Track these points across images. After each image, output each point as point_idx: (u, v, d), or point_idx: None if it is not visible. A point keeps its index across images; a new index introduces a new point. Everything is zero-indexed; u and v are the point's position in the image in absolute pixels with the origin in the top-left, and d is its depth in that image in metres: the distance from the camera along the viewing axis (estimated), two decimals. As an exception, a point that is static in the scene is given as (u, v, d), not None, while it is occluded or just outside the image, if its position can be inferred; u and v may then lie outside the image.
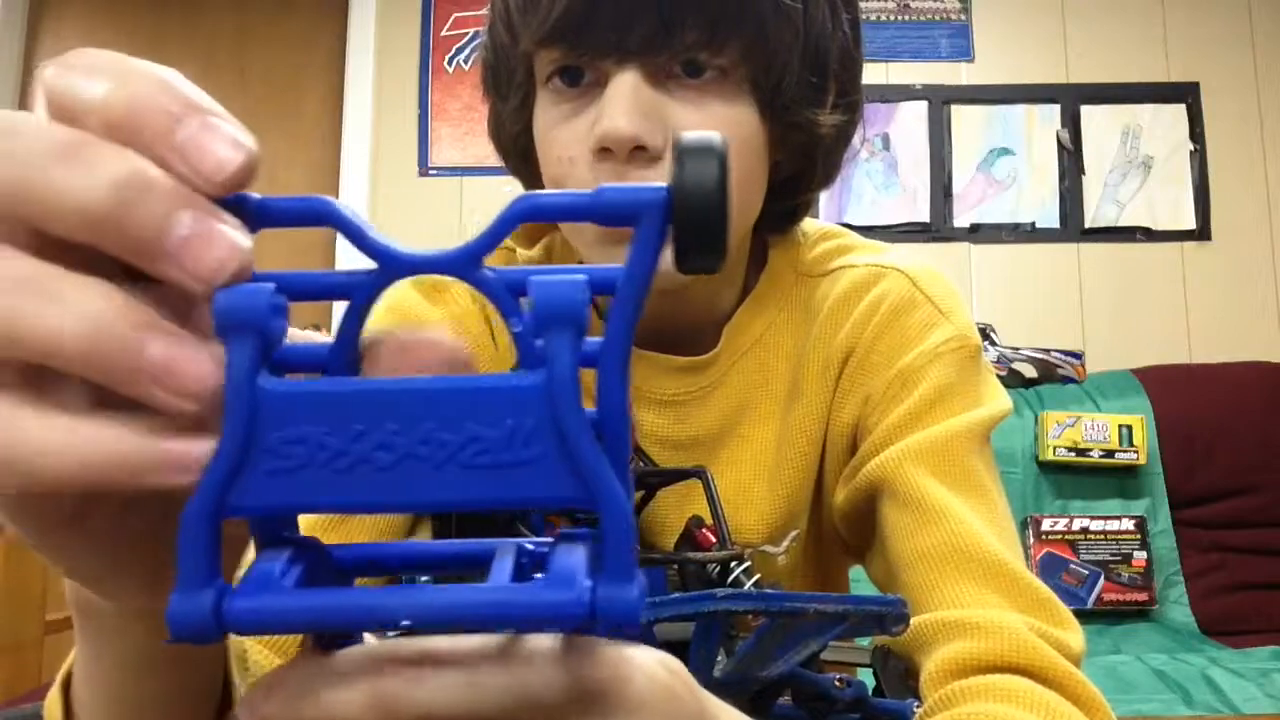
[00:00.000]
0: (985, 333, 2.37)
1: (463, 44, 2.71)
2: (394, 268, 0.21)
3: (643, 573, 0.20)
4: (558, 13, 0.51)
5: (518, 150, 0.62)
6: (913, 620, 0.50)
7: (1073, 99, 2.66)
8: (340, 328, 0.22)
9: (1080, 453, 2.15)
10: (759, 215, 0.60)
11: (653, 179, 0.43)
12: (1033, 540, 2.12)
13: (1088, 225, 2.61)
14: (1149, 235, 2.61)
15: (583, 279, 0.20)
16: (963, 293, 0.63)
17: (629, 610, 0.19)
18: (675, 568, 0.56)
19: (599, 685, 0.22)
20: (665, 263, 0.21)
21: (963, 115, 2.66)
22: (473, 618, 0.19)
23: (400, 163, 2.68)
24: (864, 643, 0.57)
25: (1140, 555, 2.10)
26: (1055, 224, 2.62)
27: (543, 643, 0.22)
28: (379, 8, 2.71)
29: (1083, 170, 2.63)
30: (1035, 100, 2.66)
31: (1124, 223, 2.61)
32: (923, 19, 2.71)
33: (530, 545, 0.23)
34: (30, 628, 1.69)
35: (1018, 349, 2.39)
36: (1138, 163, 2.63)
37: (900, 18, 2.71)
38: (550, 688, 0.22)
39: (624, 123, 0.50)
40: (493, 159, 0.66)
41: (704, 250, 0.21)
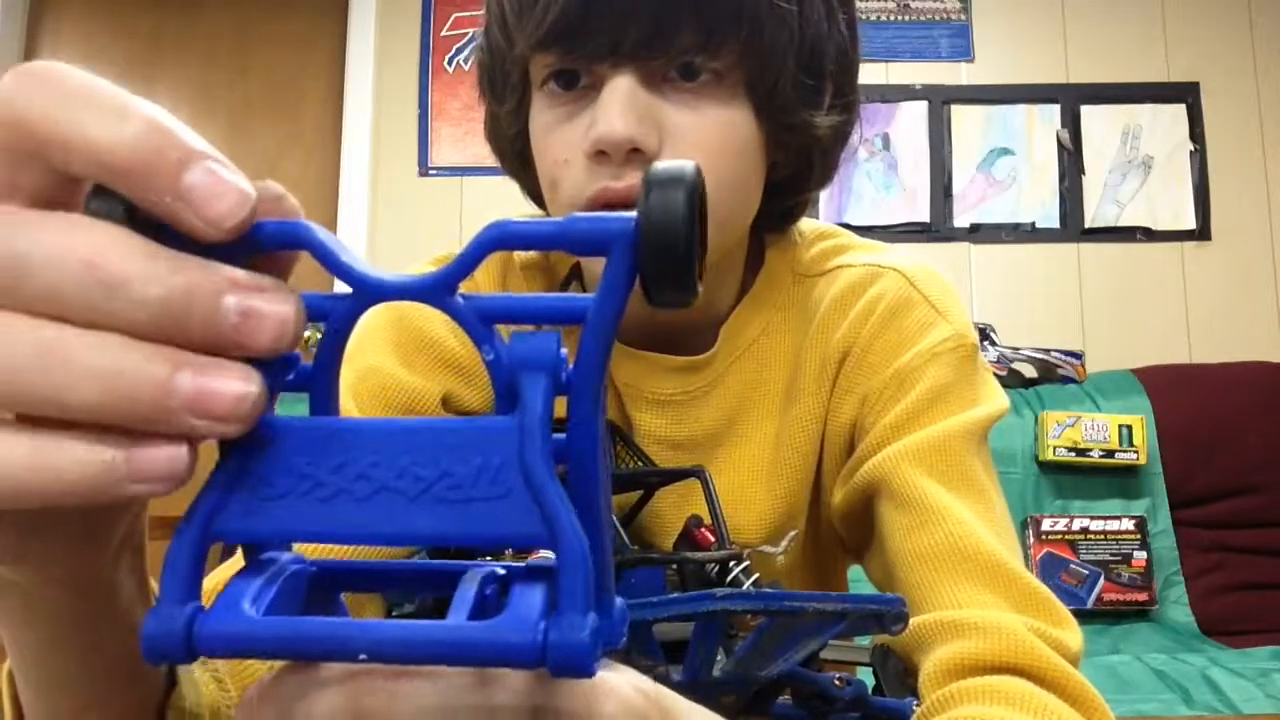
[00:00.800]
0: (985, 333, 2.37)
1: (463, 44, 2.71)
2: (369, 294, 0.22)
3: (642, 572, 0.20)
4: (552, 17, 0.51)
5: (514, 152, 0.62)
6: (912, 620, 0.51)
7: (1073, 99, 2.66)
8: (319, 353, 0.23)
9: (1080, 453, 2.15)
10: (756, 215, 0.60)
11: None
12: (1033, 540, 2.12)
13: (1088, 225, 2.61)
14: (1149, 235, 2.61)
15: (558, 333, 0.21)
16: (962, 293, 0.63)
17: (579, 654, 0.19)
18: (674, 567, 0.56)
19: (570, 712, 0.22)
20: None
21: (963, 115, 2.66)
22: (427, 656, 0.20)
23: (400, 163, 2.68)
24: (863, 642, 0.57)
25: (1140, 555, 2.10)
26: (1055, 224, 2.62)
27: (510, 673, 0.22)
28: (379, 8, 2.71)
29: (1083, 170, 2.63)
30: (1035, 100, 2.66)
31: (1124, 223, 2.61)
32: (923, 19, 2.72)
33: (501, 570, 0.23)
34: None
35: (1018, 349, 2.39)
36: (1138, 163, 2.63)
37: (900, 18, 2.71)
38: (520, 713, 0.22)
39: (619, 125, 0.50)
40: (493, 159, 0.66)
41: (671, 284, 0.21)
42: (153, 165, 0.20)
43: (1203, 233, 2.61)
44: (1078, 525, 2.13)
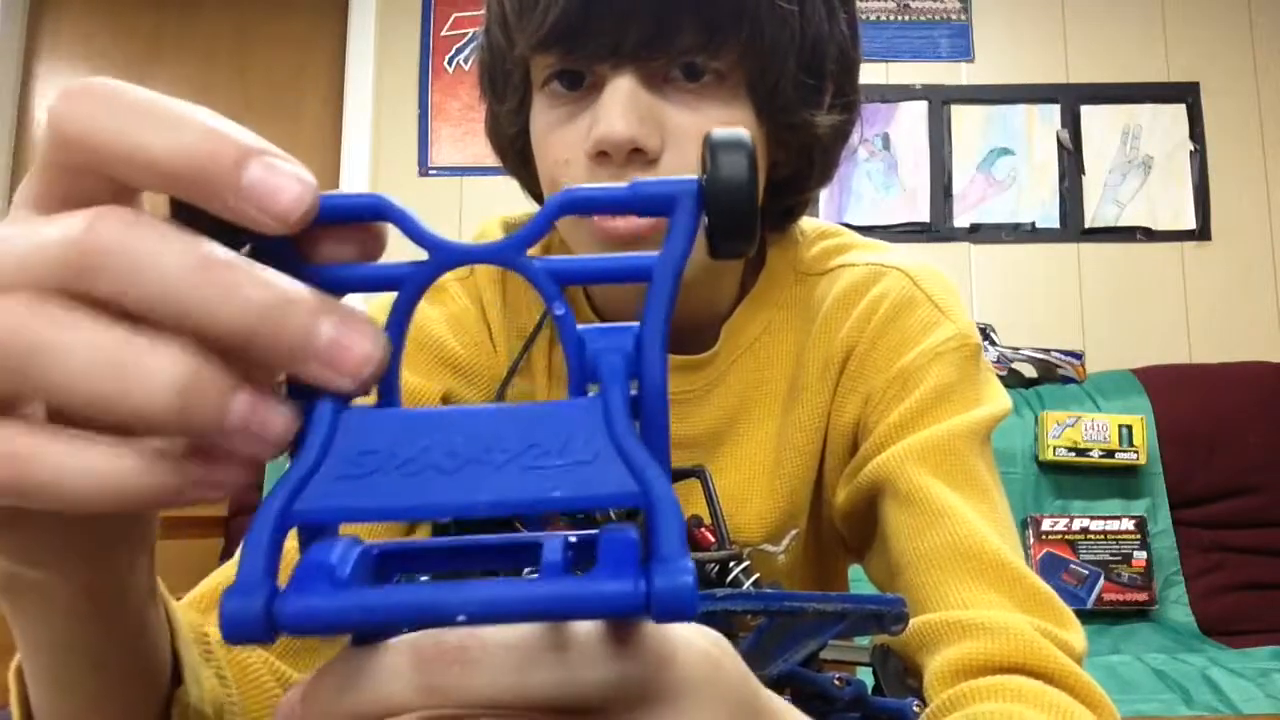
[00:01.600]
0: (985, 333, 2.37)
1: (463, 44, 2.71)
2: (445, 258, 0.23)
3: None
4: (553, 18, 0.51)
5: (515, 151, 0.62)
6: (915, 620, 0.50)
7: (1073, 99, 2.66)
8: (390, 319, 0.23)
9: (1080, 453, 2.15)
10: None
11: None
12: (1033, 540, 2.12)
13: (1088, 225, 2.61)
14: (1149, 235, 2.61)
15: (635, 325, 0.23)
16: (963, 293, 0.63)
17: (686, 599, 0.19)
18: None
19: (644, 666, 0.22)
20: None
21: (963, 115, 2.66)
22: (530, 612, 0.20)
23: (400, 163, 2.68)
24: (863, 642, 0.57)
25: (1140, 555, 2.10)
26: (1055, 224, 2.62)
27: (584, 628, 0.22)
28: (379, 8, 2.71)
29: (1083, 170, 2.63)
30: (1035, 100, 2.66)
31: (1124, 223, 2.61)
32: (923, 19, 2.72)
33: (573, 538, 0.23)
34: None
35: (1018, 349, 2.39)
36: (1138, 163, 2.63)
37: (900, 18, 2.71)
38: (596, 673, 0.22)
39: (620, 126, 0.50)
40: (493, 159, 0.66)
41: (738, 236, 0.23)
42: (210, 170, 0.20)
43: (1203, 233, 2.61)
44: (1078, 525, 2.13)
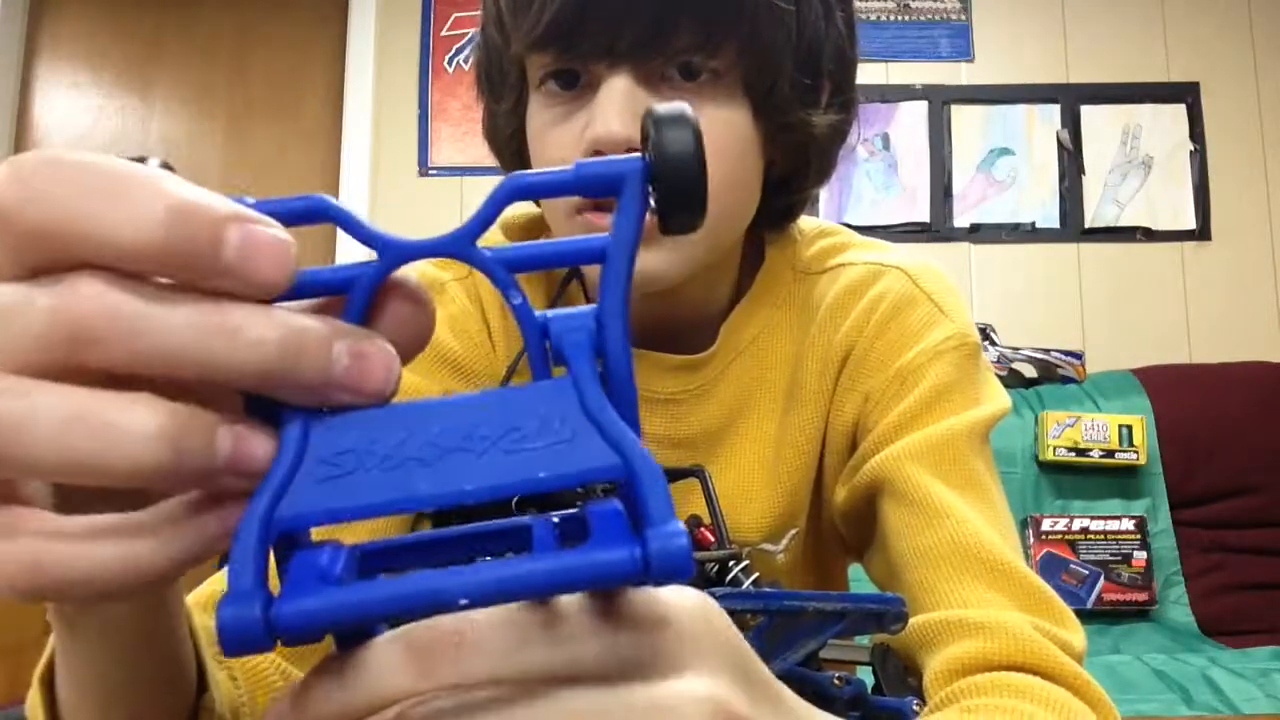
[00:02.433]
0: (985, 333, 2.37)
1: (463, 44, 2.71)
2: (394, 255, 0.22)
3: None
4: (549, 17, 0.50)
5: (511, 151, 0.62)
6: (915, 619, 0.51)
7: (1073, 99, 2.66)
8: (344, 319, 0.22)
9: (1080, 453, 2.15)
10: (755, 213, 0.60)
11: None
12: (1033, 540, 2.12)
13: (1088, 225, 2.61)
14: (1149, 235, 2.61)
15: (594, 307, 0.23)
16: (963, 293, 0.63)
17: (682, 559, 0.19)
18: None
19: (640, 630, 0.22)
20: (658, 263, 0.22)
21: (963, 115, 2.66)
22: (530, 588, 0.20)
23: (400, 163, 2.68)
24: (863, 641, 0.57)
25: (1140, 555, 2.10)
26: (1055, 224, 2.62)
27: (573, 601, 0.22)
28: (379, 8, 2.71)
29: (1083, 170, 2.63)
30: (1035, 100, 2.66)
31: (1124, 223, 2.61)
32: (923, 19, 2.72)
33: (555, 519, 0.23)
34: (30, 628, 1.69)
35: (1018, 349, 2.39)
36: (1138, 163, 2.63)
37: (900, 18, 2.71)
38: (594, 643, 0.21)
39: (617, 126, 0.50)
40: (492, 159, 0.66)
41: (687, 209, 0.23)
42: (187, 255, 0.19)
43: (1203, 233, 2.61)
44: (1078, 525, 2.13)
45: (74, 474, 0.19)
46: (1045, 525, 2.13)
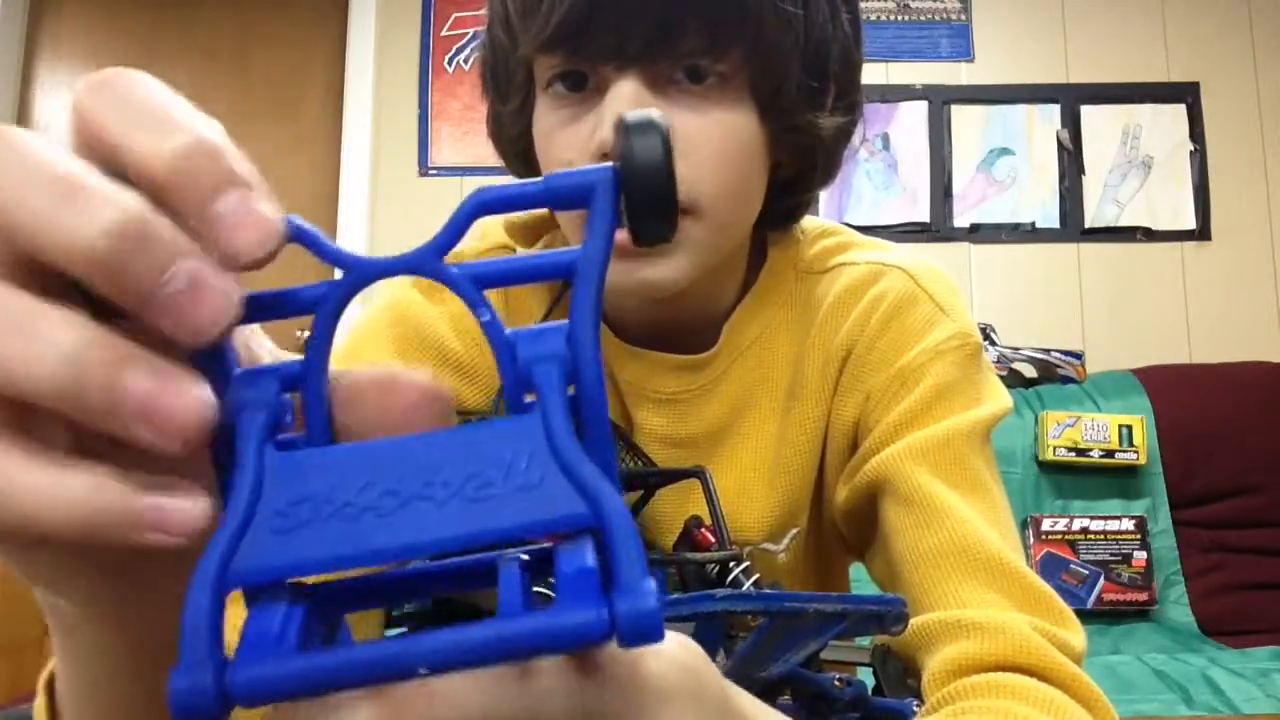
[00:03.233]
0: (985, 333, 2.37)
1: (463, 44, 2.71)
2: (360, 274, 0.22)
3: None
4: (557, 19, 0.50)
5: (517, 152, 0.62)
6: (915, 619, 0.51)
7: (1073, 99, 2.66)
8: (311, 339, 0.22)
9: (1080, 453, 2.15)
10: (759, 214, 0.60)
11: None
12: (1033, 540, 2.12)
13: (1088, 225, 2.61)
14: (1149, 235, 2.61)
15: (564, 324, 0.21)
16: (963, 292, 0.63)
17: (651, 623, 0.19)
18: (674, 568, 0.56)
19: (614, 689, 0.22)
20: (665, 272, 0.21)
21: (963, 115, 2.66)
22: (493, 656, 0.19)
23: (400, 163, 2.68)
24: (864, 642, 0.57)
25: (1140, 555, 2.10)
26: (1055, 224, 2.62)
27: None
28: (379, 8, 2.71)
29: (1083, 170, 2.63)
30: (1035, 100, 2.66)
31: (1124, 223, 2.61)
32: (923, 19, 2.71)
33: (526, 556, 0.22)
34: (30, 628, 1.69)
35: (1018, 349, 2.39)
36: (1138, 163, 2.63)
37: (900, 18, 2.71)
38: (566, 700, 0.21)
39: None
40: (493, 159, 0.66)
41: (657, 218, 0.22)
42: (186, 186, 0.19)
43: (1203, 233, 2.61)
44: (1078, 525, 2.13)
45: None
46: (1045, 525, 2.13)
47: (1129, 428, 2.16)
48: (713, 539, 0.57)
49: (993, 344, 2.37)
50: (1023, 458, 2.20)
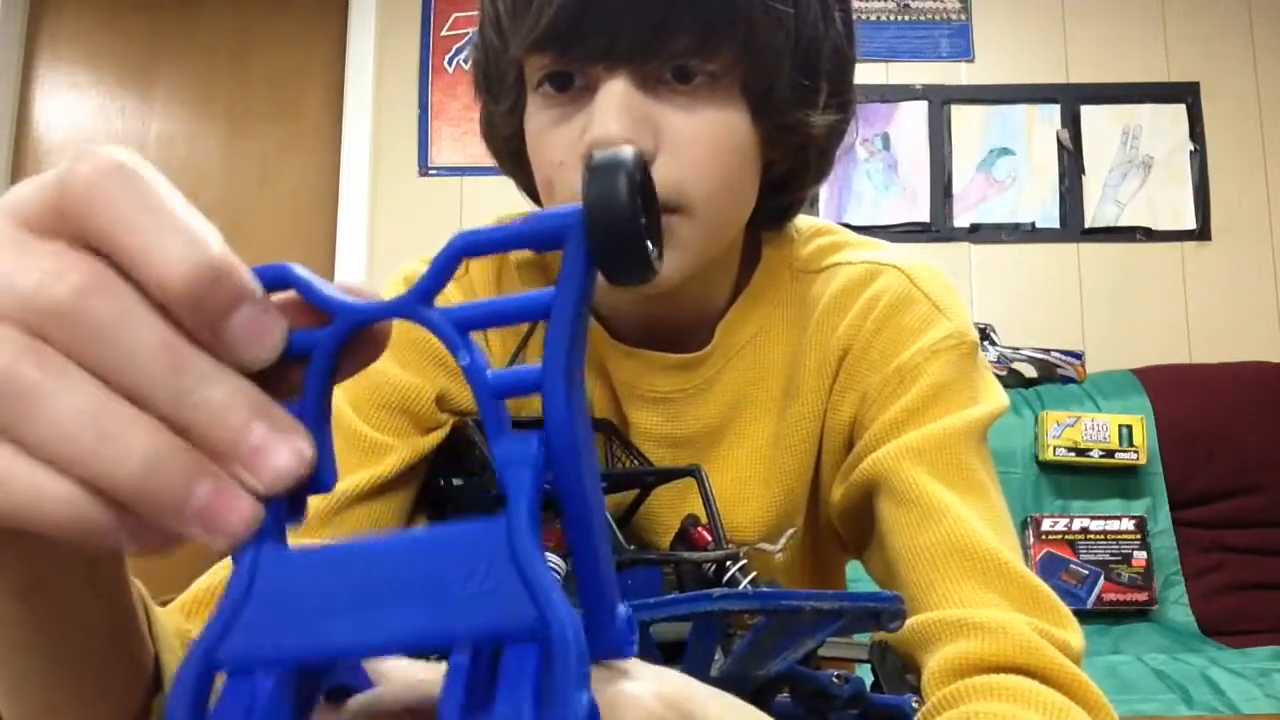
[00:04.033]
0: (985, 332, 2.37)
1: (463, 44, 2.71)
2: (349, 319, 0.23)
3: (639, 573, 0.20)
4: (547, 19, 0.50)
5: (510, 152, 0.62)
6: (914, 618, 0.51)
7: (1073, 99, 2.66)
8: (307, 390, 0.23)
9: (1080, 453, 2.14)
10: (752, 213, 0.60)
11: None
12: (1033, 540, 2.12)
13: (1088, 225, 2.61)
14: (1149, 235, 2.61)
15: (538, 433, 0.22)
16: (962, 293, 0.63)
17: None
18: (671, 567, 0.56)
19: None
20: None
21: (963, 115, 2.66)
22: None
23: (400, 163, 2.68)
24: (862, 638, 0.57)
25: (1140, 555, 2.10)
26: (1055, 224, 2.62)
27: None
28: (379, 8, 2.71)
29: (1083, 170, 2.63)
30: (1035, 100, 2.66)
31: (1124, 223, 2.61)
32: (923, 19, 2.71)
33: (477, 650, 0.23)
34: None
35: (1018, 349, 2.39)
36: (1138, 163, 2.63)
37: (900, 18, 2.71)
38: None
39: (615, 129, 0.50)
40: (492, 159, 0.66)
41: (624, 263, 0.22)
42: (203, 302, 0.21)
43: (1203, 233, 2.61)
44: (1078, 525, 2.13)
45: (60, 454, 0.20)
46: (1045, 525, 2.13)
47: (1129, 428, 2.15)
48: (709, 538, 0.57)
49: (993, 344, 2.37)
50: (1022, 458, 2.20)
